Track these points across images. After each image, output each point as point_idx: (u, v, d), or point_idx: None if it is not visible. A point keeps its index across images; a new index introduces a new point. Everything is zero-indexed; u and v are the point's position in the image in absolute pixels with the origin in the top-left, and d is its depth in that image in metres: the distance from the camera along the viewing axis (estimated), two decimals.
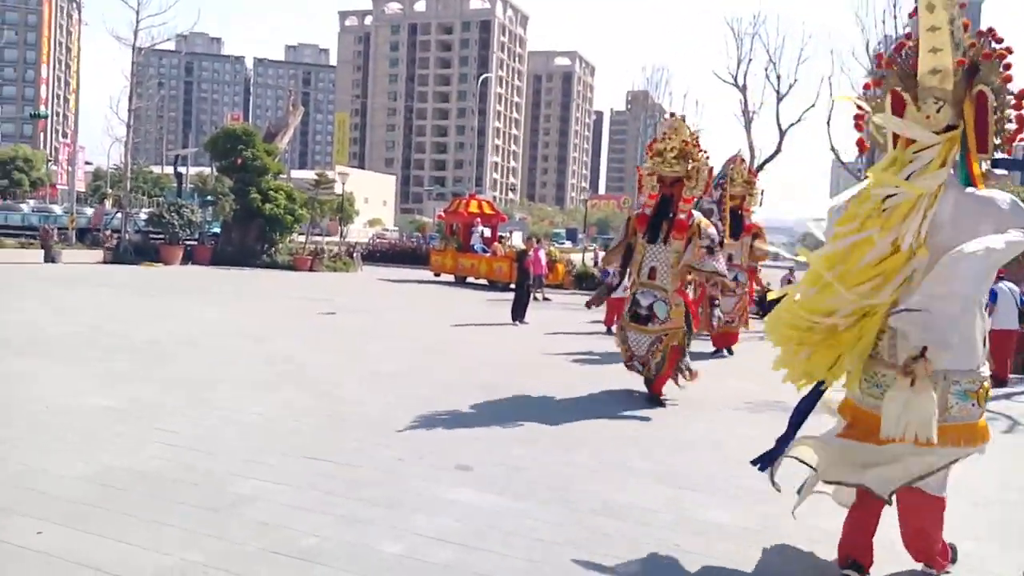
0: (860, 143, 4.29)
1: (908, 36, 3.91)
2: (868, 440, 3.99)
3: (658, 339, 8.00)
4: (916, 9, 3.67)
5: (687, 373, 8.24)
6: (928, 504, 3.91)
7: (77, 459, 5.11)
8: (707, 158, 8.17)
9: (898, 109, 3.87)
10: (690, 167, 8.03)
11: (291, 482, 4.90)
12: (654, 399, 8.17)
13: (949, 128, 3.71)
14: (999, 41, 3.69)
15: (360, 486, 4.90)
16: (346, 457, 5.50)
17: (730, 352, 12.43)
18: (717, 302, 11.19)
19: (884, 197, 3.79)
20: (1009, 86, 3.69)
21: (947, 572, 4.14)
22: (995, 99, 3.67)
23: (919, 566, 4.12)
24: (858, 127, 4.22)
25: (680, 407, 8.09)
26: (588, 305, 9.02)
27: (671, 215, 8.09)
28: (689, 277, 8.32)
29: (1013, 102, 3.67)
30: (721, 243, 10.59)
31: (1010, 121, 3.70)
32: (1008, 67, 3.68)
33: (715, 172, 12.18)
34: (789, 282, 16.70)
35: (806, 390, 4.65)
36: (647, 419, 7.46)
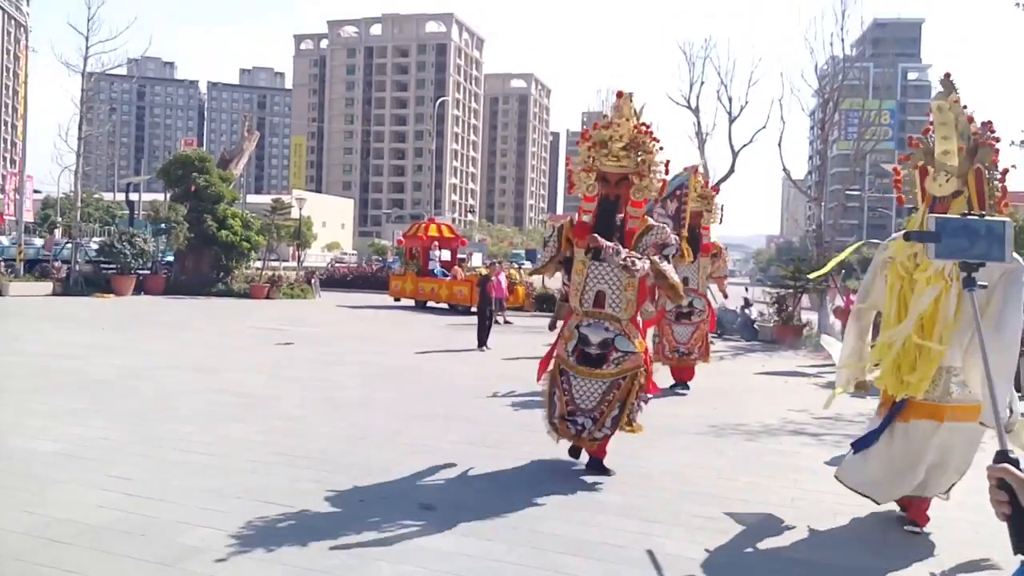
0: (899, 199, 5.80)
1: (931, 123, 5.32)
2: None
3: (614, 385, 6.08)
4: (929, 109, 5.31)
5: (627, 416, 6.26)
6: None
7: (20, 510, 4.87)
8: (662, 149, 6.22)
9: (922, 177, 5.44)
10: (641, 160, 6.12)
11: (244, 530, 4.71)
12: (597, 466, 6.35)
13: (957, 193, 5.11)
14: (993, 132, 5.12)
15: (318, 532, 4.73)
16: (303, 500, 5.32)
17: (685, 387, 10.89)
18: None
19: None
20: (998, 164, 5.19)
21: None
22: (988, 173, 5.11)
23: None
24: (896, 186, 5.74)
25: (643, 435, 8.02)
26: (551, 327, 7.95)
27: (619, 223, 6.18)
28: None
29: (999, 177, 5.19)
30: (682, 254, 9.76)
31: (998, 190, 5.18)
32: (997, 152, 5.15)
33: (669, 180, 11.66)
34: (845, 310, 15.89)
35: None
36: (610, 451, 7.37)
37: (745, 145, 24.75)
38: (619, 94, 6.34)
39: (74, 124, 25.76)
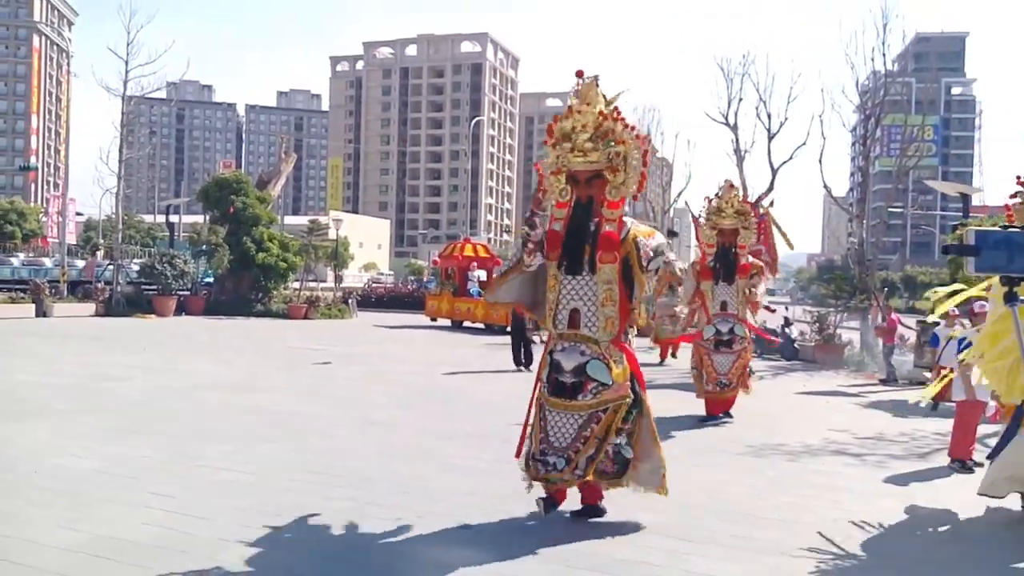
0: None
1: None
2: None
3: (592, 418, 5.07)
4: None
5: (614, 465, 5.22)
6: None
7: (64, 528, 4.95)
8: (636, 134, 5.21)
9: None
10: (615, 153, 5.08)
11: (283, 548, 4.75)
12: (590, 511, 5.47)
13: None
14: None
15: (356, 551, 4.76)
16: (340, 517, 5.35)
17: (727, 416, 10.00)
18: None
19: None
20: None
21: None
22: None
23: None
24: (1009, 219, 5.91)
25: (681, 454, 7.95)
26: (516, 361, 6.49)
27: (593, 229, 5.20)
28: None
29: None
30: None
31: None
32: None
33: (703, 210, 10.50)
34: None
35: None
36: None
37: (785, 162, 24.51)
38: (579, 74, 5.31)
39: (115, 147, 26.33)
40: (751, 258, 10.39)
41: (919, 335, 16.73)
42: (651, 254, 5.09)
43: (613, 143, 5.08)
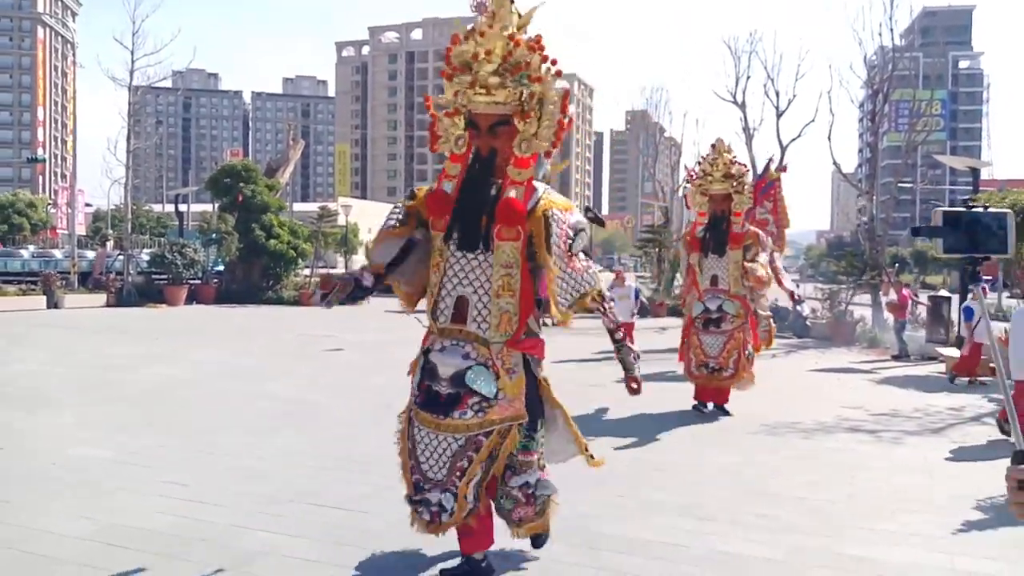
0: None
1: None
2: None
3: (471, 444, 3.76)
4: None
5: (533, 508, 3.95)
6: None
7: (80, 517, 4.97)
8: (557, 71, 3.77)
9: None
10: (529, 94, 3.76)
11: (301, 534, 4.75)
12: (471, 567, 4.08)
13: None
14: None
15: (374, 536, 4.75)
16: (358, 504, 5.35)
17: (723, 411, 8.99)
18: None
19: None
20: None
21: None
22: None
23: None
24: None
25: (697, 434, 7.94)
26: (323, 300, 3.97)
27: (495, 193, 3.81)
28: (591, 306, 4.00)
29: None
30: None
31: None
32: None
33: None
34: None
35: None
36: (664, 449, 7.31)
37: (794, 139, 24.53)
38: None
39: (122, 137, 26.38)
40: (748, 226, 9.24)
41: (930, 310, 16.65)
42: (571, 233, 3.77)
43: (527, 79, 3.71)
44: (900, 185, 34.41)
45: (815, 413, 8.98)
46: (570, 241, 3.76)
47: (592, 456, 4.27)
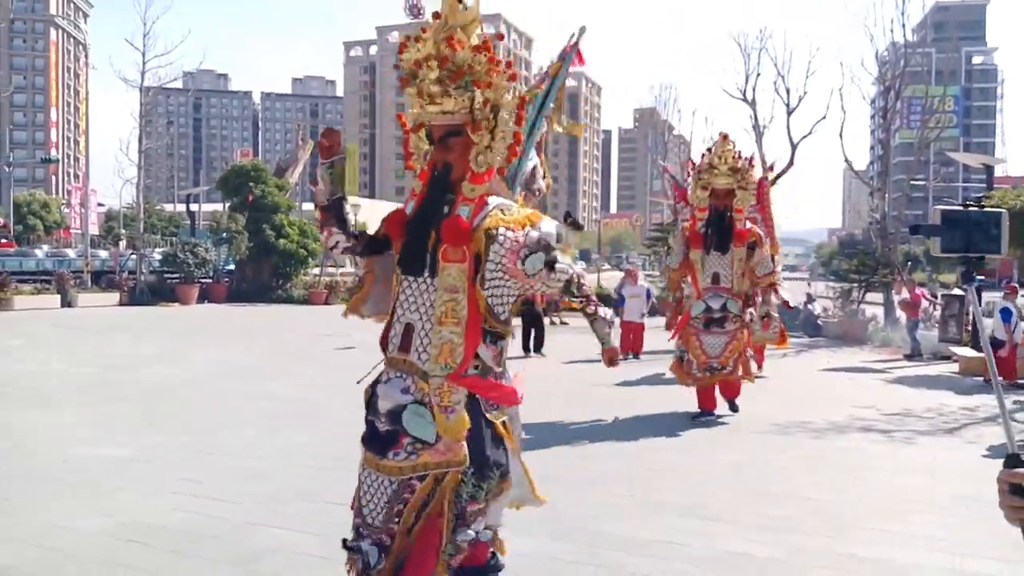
0: None
1: None
2: None
3: (405, 488, 3.33)
4: None
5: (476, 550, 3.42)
6: None
7: (96, 513, 5.04)
8: (511, 74, 3.38)
9: None
10: (483, 101, 3.31)
11: (313, 530, 4.80)
12: None
13: None
14: None
15: None
16: None
17: (733, 406, 8.79)
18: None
19: None
20: None
21: None
22: None
23: None
24: None
25: (706, 433, 7.95)
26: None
27: (447, 211, 3.36)
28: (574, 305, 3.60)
29: None
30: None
31: None
32: None
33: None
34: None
35: None
36: (674, 449, 7.33)
37: (805, 137, 24.30)
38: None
39: (134, 138, 26.61)
40: (749, 224, 8.87)
41: (943, 309, 16.59)
42: (523, 249, 3.21)
43: (471, 84, 3.28)
44: (913, 183, 34.32)
45: (826, 413, 8.97)
46: (521, 260, 3.21)
47: (539, 497, 3.81)
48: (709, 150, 8.98)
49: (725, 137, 8.90)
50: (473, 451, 3.27)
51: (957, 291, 18.53)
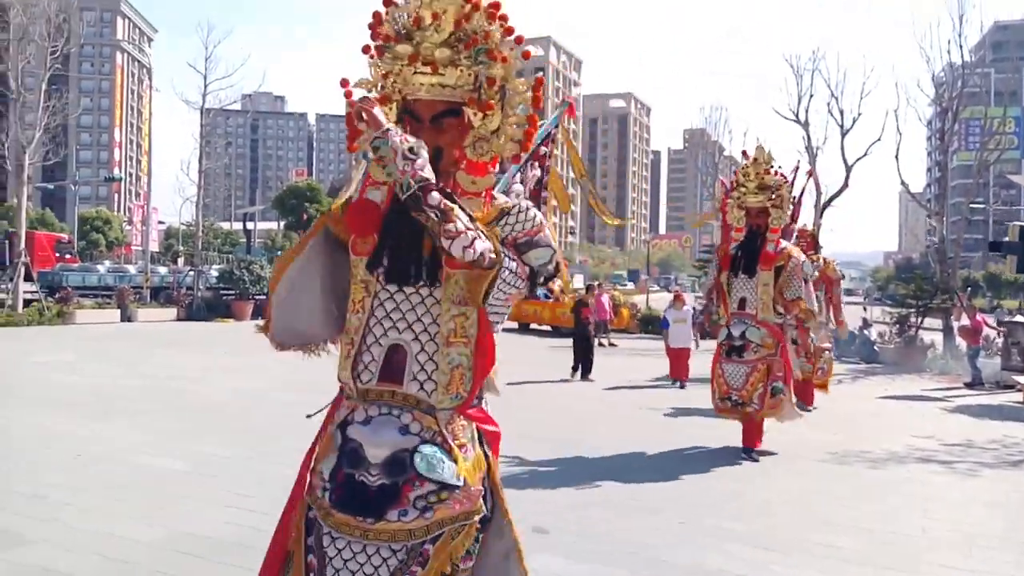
0: None
1: None
2: None
3: (415, 557, 2.44)
4: None
5: None
6: None
7: (149, 524, 5.10)
8: (525, 51, 2.85)
9: None
10: (487, 76, 2.68)
11: None
12: None
13: None
14: None
15: None
16: None
17: (749, 456, 7.82)
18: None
19: None
20: None
21: None
22: None
23: None
24: None
25: (763, 461, 7.79)
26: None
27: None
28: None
29: None
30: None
31: None
32: None
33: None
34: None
35: None
36: (727, 477, 7.19)
37: (860, 158, 23.94)
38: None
39: (194, 158, 27.26)
40: (785, 244, 8.06)
41: (1006, 336, 16.10)
42: (530, 238, 2.67)
43: (484, 55, 2.66)
44: (972, 206, 33.48)
45: (885, 442, 8.74)
46: (522, 247, 2.66)
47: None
48: (740, 168, 8.41)
49: (755, 159, 8.19)
50: (493, 506, 2.69)
51: (1020, 318, 18.00)
